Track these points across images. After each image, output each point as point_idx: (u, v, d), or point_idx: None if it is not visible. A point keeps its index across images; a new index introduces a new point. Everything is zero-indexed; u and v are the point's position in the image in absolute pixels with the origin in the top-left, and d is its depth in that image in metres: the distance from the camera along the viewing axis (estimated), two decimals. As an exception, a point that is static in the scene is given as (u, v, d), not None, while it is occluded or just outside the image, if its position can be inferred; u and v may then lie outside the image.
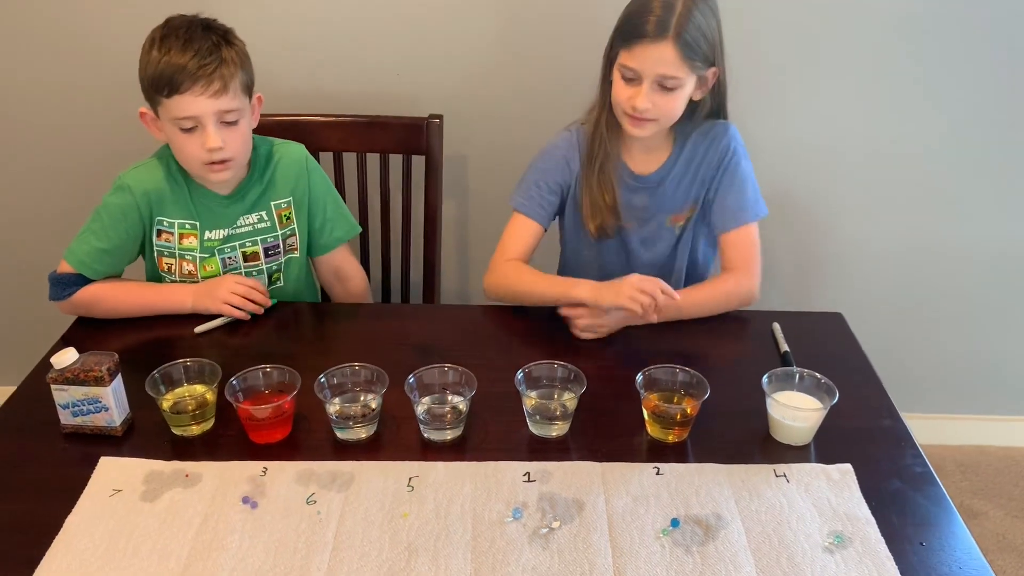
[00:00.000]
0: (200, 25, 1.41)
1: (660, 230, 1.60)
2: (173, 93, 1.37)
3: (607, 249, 1.63)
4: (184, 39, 1.37)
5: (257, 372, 1.22)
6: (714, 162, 1.55)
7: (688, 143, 1.55)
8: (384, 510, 1.07)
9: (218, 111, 1.39)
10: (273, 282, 1.60)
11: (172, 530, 1.03)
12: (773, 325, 1.47)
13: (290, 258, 1.61)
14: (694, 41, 1.38)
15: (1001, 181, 2.01)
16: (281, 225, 1.57)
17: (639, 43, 1.39)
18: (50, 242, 1.65)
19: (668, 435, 1.19)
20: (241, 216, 1.54)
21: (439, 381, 1.22)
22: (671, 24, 1.36)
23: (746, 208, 1.54)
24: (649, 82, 1.40)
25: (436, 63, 1.90)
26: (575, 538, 1.03)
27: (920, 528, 1.06)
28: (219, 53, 1.38)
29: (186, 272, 1.53)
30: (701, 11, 1.39)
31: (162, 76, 1.36)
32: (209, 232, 1.52)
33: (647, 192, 1.57)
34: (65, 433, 1.19)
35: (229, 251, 1.54)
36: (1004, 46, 1.85)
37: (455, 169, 2.01)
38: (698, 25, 1.38)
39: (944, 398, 2.32)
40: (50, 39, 1.88)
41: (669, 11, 1.37)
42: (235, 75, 1.40)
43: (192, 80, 1.36)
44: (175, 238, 1.51)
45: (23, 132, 1.99)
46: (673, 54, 1.37)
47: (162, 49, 1.37)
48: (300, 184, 1.58)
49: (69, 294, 1.45)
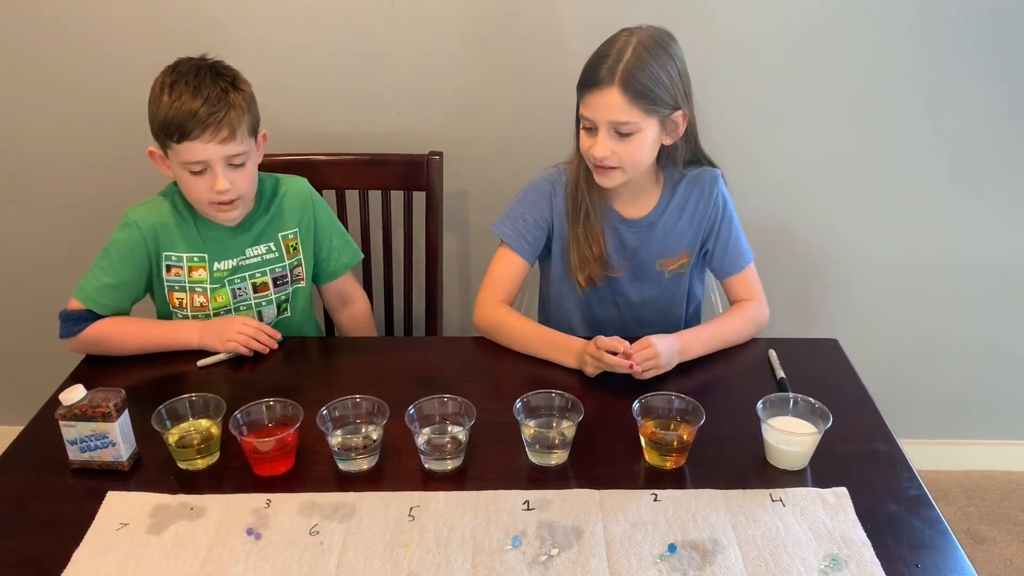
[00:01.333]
0: (208, 71, 1.45)
1: (650, 273, 1.63)
2: (183, 139, 1.42)
3: (594, 297, 1.64)
4: (194, 86, 1.41)
5: (260, 406, 1.24)
6: (708, 211, 1.59)
7: (679, 189, 1.59)
8: (385, 540, 1.08)
9: (226, 156, 1.44)
10: (282, 312, 1.65)
11: (177, 562, 1.05)
12: (769, 352, 1.49)
13: (296, 288, 1.65)
14: (643, 86, 1.40)
15: (1002, 205, 2.04)
16: (288, 255, 1.62)
17: (590, 91, 1.42)
18: (60, 283, 1.68)
19: (666, 462, 1.21)
20: (249, 247, 1.58)
21: (439, 412, 1.24)
22: (618, 71, 1.39)
23: (744, 252, 1.63)
24: (604, 129, 1.43)
25: (436, 102, 1.95)
26: (574, 565, 1.04)
27: (916, 550, 1.07)
28: (227, 99, 1.43)
29: (197, 305, 1.56)
30: (654, 55, 1.41)
31: (172, 122, 1.41)
32: (218, 263, 1.56)
33: (639, 235, 1.60)
34: (73, 468, 1.21)
35: (239, 282, 1.58)
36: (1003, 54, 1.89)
37: (456, 204, 2.04)
38: (648, 70, 1.40)
39: (949, 424, 2.32)
40: (59, 80, 1.94)
41: (618, 59, 1.40)
42: (242, 120, 1.45)
43: (201, 128, 1.41)
44: (184, 271, 1.55)
45: (31, 174, 2.04)
46: (620, 99, 1.40)
47: (172, 95, 1.41)
48: (306, 215, 1.63)
49: (78, 331, 1.48)
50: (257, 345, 1.49)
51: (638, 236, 1.59)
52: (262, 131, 1.54)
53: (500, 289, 1.58)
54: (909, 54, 1.88)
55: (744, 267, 1.63)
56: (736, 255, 1.63)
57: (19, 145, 2.01)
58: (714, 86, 1.75)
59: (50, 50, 1.90)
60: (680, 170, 1.58)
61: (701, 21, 1.83)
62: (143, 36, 1.87)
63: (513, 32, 1.88)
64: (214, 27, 1.84)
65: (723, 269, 1.64)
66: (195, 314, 1.57)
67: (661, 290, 1.65)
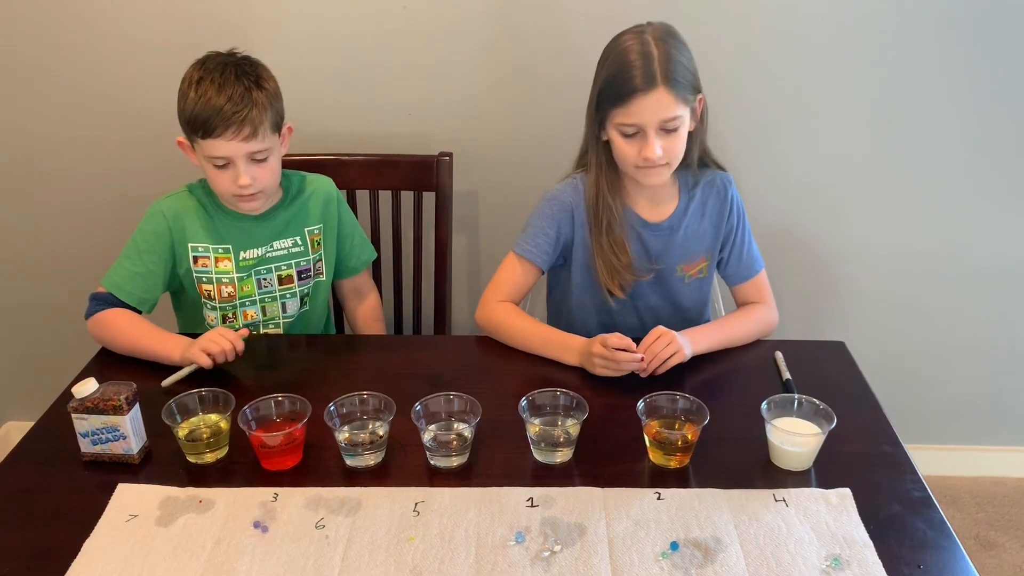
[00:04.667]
0: (234, 69, 1.47)
1: (671, 280, 1.63)
2: (208, 136, 1.45)
3: (616, 305, 1.63)
4: (219, 84, 1.45)
5: (269, 401, 1.26)
6: (724, 214, 1.61)
7: (696, 192, 1.60)
8: (390, 534, 1.09)
9: (248, 152, 1.47)
10: (303, 305, 1.69)
11: (185, 553, 1.07)
12: (776, 353, 1.50)
13: (317, 282, 1.69)
14: (682, 77, 1.43)
15: (1008, 214, 2.03)
16: (312, 250, 1.66)
17: (633, 98, 1.41)
18: (77, 284, 1.72)
19: (670, 461, 1.22)
20: (276, 240, 1.62)
21: (445, 409, 1.26)
22: (656, 71, 1.40)
23: (756, 258, 1.65)
24: (653, 130, 1.44)
25: (446, 103, 1.97)
26: (576, 561, 1.05)
27: (918, 551, 1.07)
28: (250, 98, 1.46)
29: (225, 295, 1.61)
30: (675, 46, 1.43)
31: (197, 119, 1.45)
32: (244, 252, 1.60)
33: (661, 239, 1.60)
34: (85, 461, 1.23)
35: (266, 273, 1.62)
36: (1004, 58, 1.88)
37: (465, 205, 2.06)
38: (680, 60, 1.43)
39: (959, 429, 2.31)
40: (85, 77, 1.96)
41: (649, 60, 1.40)
42: (265, 118, 1.47)
43: (224, 126, 1.44)
44: (211, 262, 1.59)
45: (53, 175, 2.07)
46: (668, 97, 1.41)
47: (198, 91, 1.45)
48: (330, 212, 1.68)
49: (96, 311, 1.52)
50: (214, 347, 1.40)
51: (660, 240, 1.60)
52: (287, 124, 1.57)
53: (505, 290, 1.59)
54: (918, 56, 1.87)
55: (756, 273, 1.64)
56: (750, 262, 1.64)
57: (41, 146, 2.04)
58: (724, 89, 1.75)
59: (75, 46, 1.93)
60: (693, 172, 1.59)
61: (713, 23, 1.84)
62: (163, 37, 1.90)
63: (523, 34, 1.89)
64: (221, 32, 1.86)
65: (736, 276, 1.65)
66: (223, 304, 1.61)
67: (682, 296, 1.65)
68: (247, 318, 1.64)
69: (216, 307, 1.61)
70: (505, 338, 1.54)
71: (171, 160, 1.74)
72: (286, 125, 1.57)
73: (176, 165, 1.69)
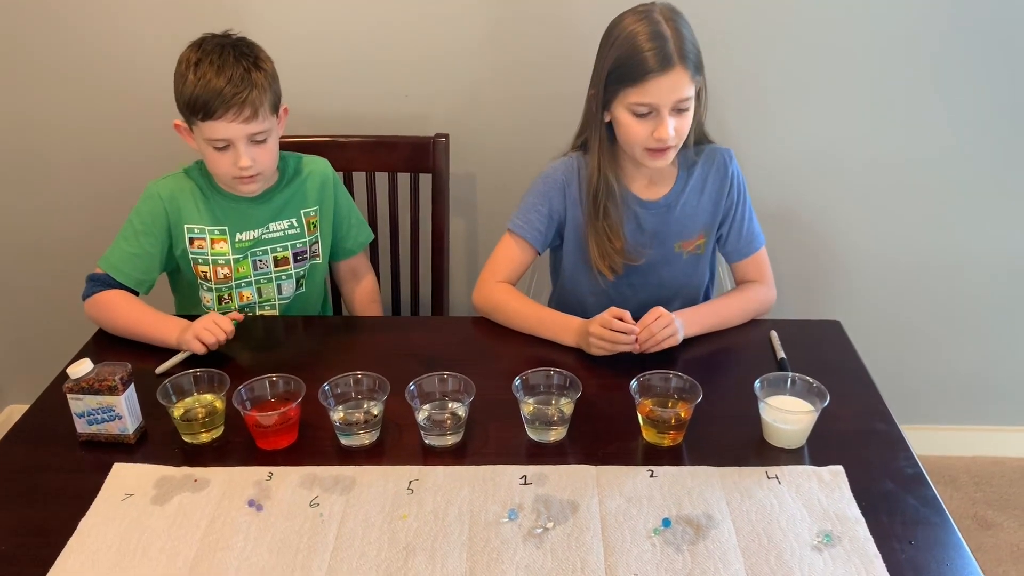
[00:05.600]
0: (232, 50, 1.47)
1: (669, 255, 1.62)
2: (207, 118, 1.45)
3: (610, 281, 1.63)
4: (218, 65, 1.44)
5: (264, 381, 1.26)
6: (724, 190, 1.59)
7: (695, 169, 1.59)
8: (384, 512, 1.10)
9: (248, 134, 1.47)
10: (299, 287, 1.69)
11: (180, 531, 1.07)
12: (771, 333, 1.50)
13: (313, 264, 1.69)
14: (695, 55, 1.43)
15: (1005, 191, 2.02)
16: (309, 232, 1.66)
17: (650, 78, 1.40)
18: (75, 268, 1.72)
19: (663, 439, 1.22)
20: (272, 222, 1.62)
21: (439, 388, 1.26)
22: (672, 51, 1.39)
23: (757, 235, 1.64)
24: (667, 110, 1.43)
25: (444, 85, 1.96)
26: (568, 537, 1.05)
27: (910, 527, 1.07)
28: (250, 79, 1.45)
29: (221, 276, 1.61)
30: (682, 24, 1.43)
31: (196, 101, 1.44)
32: (240, 234, 1.60)
33: (657, 216, 1.59)
34: (81, 441, 1.24)
35: (261, 254, 1.62)
36: (1006, 51, 1.87)
37: (462, 187, 2.05)
38: (690, 38, 1.42)
39: (957, 409, 2.31)
40: (83, 61, 1.96)
41: (663, 40, 1.39)
42: (264, 99, 1.47)
43: (225, 108, 1.44)
44: (207, 243, 1.59)
45: (50, 159, 2.06)
46: (685, 75, 1.41)
47: (197, 73, 1.44)
48: (327, 194, 1.67)
49: (93, 292, 1.52)
50: (208, 335, 1.40)
51: (656, 217, 1.59)
52: (283, 106, 1.56)
53: (502, 271, 1.59)
54: (913, 39, 1.86)
55: (756, 250, 1.63)
56: (750, 238, 1.63)
57: (38, 131, 2.03)
58: (723, 71, 1.74)
59: (72, 31, 1.92)
60: (691, 149, 1.58)
61: (714, 6, 1.82)
62: (161, 21, 1.89)
63: (522, 15, 1.88)
64: (221, 12, 1.85)
65: (736, 253, 1.64)
66: (219, 286, 1.61)
67: (679, 272, 1.65)
68: (243, 299, 1.64)
69: (212, 288, 1.62)
70: (502, 319, 1.54)
71: (171, 144, 1.73)
72: (283, 107, 1.57)
73: (176, 149, 1.68)
